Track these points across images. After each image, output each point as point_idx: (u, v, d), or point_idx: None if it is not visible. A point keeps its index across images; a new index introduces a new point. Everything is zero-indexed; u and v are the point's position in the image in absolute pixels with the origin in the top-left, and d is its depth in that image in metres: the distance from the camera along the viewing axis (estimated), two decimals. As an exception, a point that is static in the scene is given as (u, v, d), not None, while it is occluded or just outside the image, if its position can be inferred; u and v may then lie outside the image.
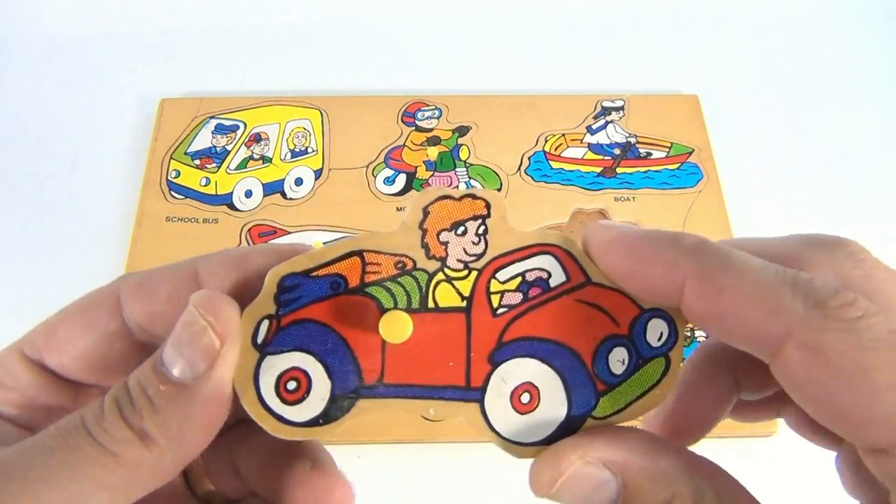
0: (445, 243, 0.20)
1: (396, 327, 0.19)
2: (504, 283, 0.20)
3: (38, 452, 0.17)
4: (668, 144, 0.55)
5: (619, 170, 0.53)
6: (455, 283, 0.20)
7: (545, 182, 0.53)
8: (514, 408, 0.20)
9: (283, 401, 0.19)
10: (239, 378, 0.19)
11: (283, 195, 0.52)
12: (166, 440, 0.17)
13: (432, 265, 0.20)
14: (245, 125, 0.55)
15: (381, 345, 0.19)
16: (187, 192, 0.52)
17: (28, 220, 0.52)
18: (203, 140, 0.54)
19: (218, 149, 0.54)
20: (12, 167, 0.54)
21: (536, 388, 0.20)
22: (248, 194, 0.52)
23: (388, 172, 0.53)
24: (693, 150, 0.54)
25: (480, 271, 0.20)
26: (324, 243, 0.53)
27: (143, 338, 0.21)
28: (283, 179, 0.53)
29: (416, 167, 0.53)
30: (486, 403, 0.20)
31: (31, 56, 0.61)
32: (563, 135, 0.55)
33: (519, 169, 0.53)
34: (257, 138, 0.54)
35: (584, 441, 0.19)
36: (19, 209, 0.53)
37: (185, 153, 0.53)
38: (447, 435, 0.43)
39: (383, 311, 0.19)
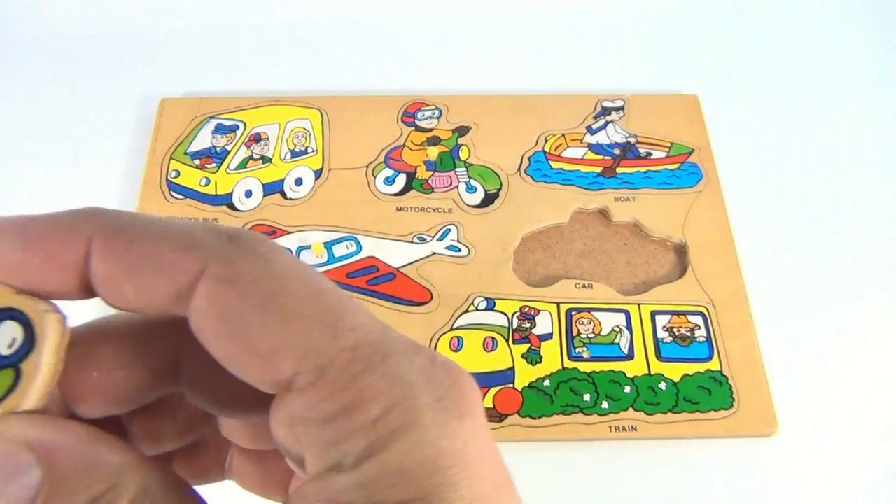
0: None
1: None
2: None
3: None
4: (668, 144, 0.55)
5: (619, 170, 0.53)
6: None
7: (545, 182, 0.53)
8: None
9: None
10: None
11: (283, 195, 0.52)
12: None
13: None
14: (245, 125, 0.55)
15: None
16: (187, 192, 0.52)
17: (28, 220, 0.52)
18: (203, 140, 0.54)
19: (218, 149, 0.54)
20: (12, 167, 0.54)
21: None
22: (248, 194, 0.52)
23: (388, 172, 0.53)
24: (693, 150, 0.54)
25: None
26: (324, 244, 0.53)
27: None
28: (283, 179, 0.53)
29: (416, 167, 0.53)
30: None
31: (31, 56, 0.61)
32: (563, 135, 0.55)
33: (519, 169, 0.53)
34: (257, 138, 0.54)
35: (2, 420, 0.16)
36: (19, 209, 0.53)
37: (185, 153, 0.53)
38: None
39: None
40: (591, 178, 0.53)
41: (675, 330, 0.47)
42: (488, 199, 0.52)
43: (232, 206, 0.51)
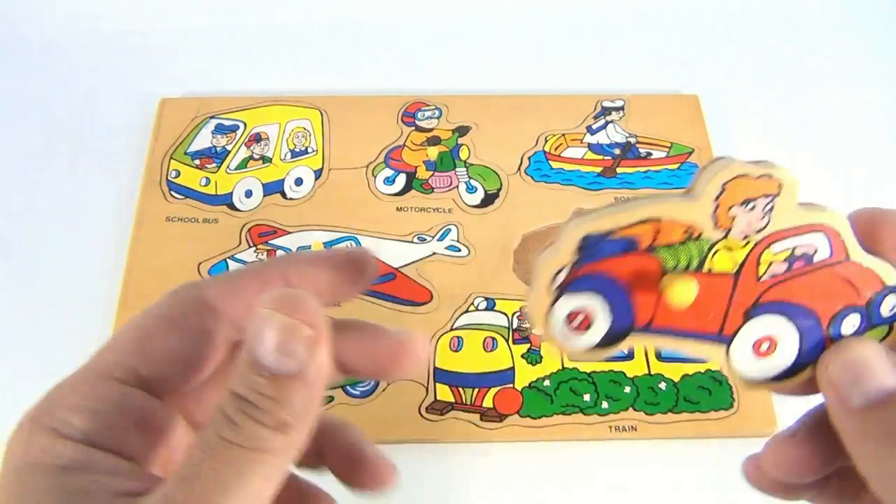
0: (733, 217, 0.22)
1: (682, 293, 0.22)
2: (776, 254, 0.23)
3: (203, 478, 0.19)
4: (668, 144, 0.55)
5: (618, 170, 0.53)
6: (733, 251, 0.23)
7: (545, 182, 0.53)
8: (753, 352, 0.24)
9: (570, 330, 0.23)
10: (537, 313, 0.23)
11: (283, 195, 0.52)
12: (299, 422, 0.20)
13: (716, 235, 0.22)
14: (245, 125, 0.55)
15: (656, 297, 0.23)
16: (187, 192, 0.52)
17: (28, 220, 0.52)
18: (203, 140, 0.54)
19: (218, 149, 0.54)
20: (12, 167, 0.54)
21: (775, 339, 0.23)
22: (248, 194, 0.52)
23: (388, 172, 0.53)
24: (693, 150, 0.54)
25: (757, 243, 0.23)
26: (324, 244, 0.53)
27: (234, 336, 0.24)
28: (283, 179, 0.53)
29: (416, 167, 0.53)
30: (732, 347, 0.24)
31: (31, 56, 0.61)
32: (564, 135, 0.55)
33: (519, 169, 0.53)
34: (257, 138, 0.54)
35: None
36: (19, 209, 0.53)
37: (185, 153, 0.53)
38: (449, 435, 0.43)
39: (665, 271, 0.23)
40: (590, 178, 0.53)
41: (674, 330, 0.47)
42: (488, 199, 0.52)
43: (232, 206, 0.51)
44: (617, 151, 0.54)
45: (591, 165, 0.54)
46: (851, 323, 0.23)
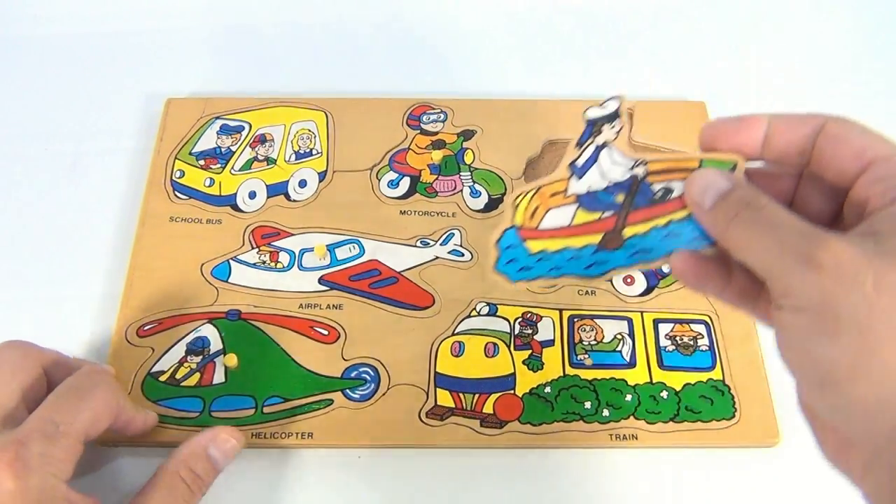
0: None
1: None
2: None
3: None
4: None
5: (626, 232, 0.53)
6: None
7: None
8: None
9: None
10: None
11: (287, 197, 0.52)
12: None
13: None
14: (250, 126, 0.55)
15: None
16: (191, 193, 0.52)
17: (32, 219, 0.52)
18: (208, 140, 0.54)
19: (223, 149, 0.54)
20: (16, 166, 0.55)
21: None
22: (252, 195, 0.52)
23: (393, 175, 0.53)
24: (699, 157, 0.54)
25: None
26: (326, 246, 0.53)
27: None
28: (287, 181, 0.53)
29: (420, 170, 0.53)
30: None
31: (36, 55, 0.61)
32: (539, 189, 0.55)
33: (523, 174, 0.53)
34: (262, 139, 0.54)
35: None
36: (23, 209, 0.53)
37: (190, 153, 0.53)
38: (449, 441, 0.43)
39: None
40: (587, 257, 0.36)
41: (677, 338, 0.46)
42: (492, 204, 0.52)
43: (236, 207, 0.51)
44: (620, 198, 0.54)
45: (585, 234, 0.53)
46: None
